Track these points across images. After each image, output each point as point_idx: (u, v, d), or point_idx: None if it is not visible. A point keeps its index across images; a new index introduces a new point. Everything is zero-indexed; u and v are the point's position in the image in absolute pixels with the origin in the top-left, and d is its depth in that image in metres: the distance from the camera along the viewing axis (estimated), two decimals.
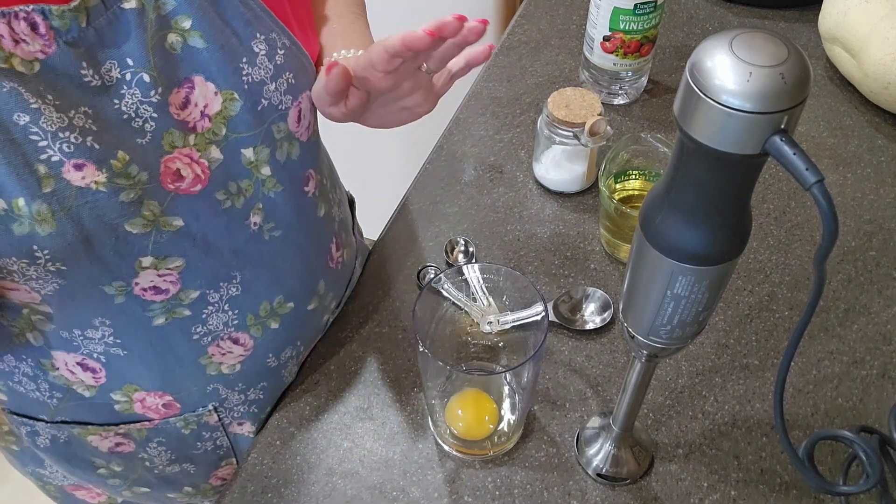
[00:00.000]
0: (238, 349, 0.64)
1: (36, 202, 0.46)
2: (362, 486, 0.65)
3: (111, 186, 0.49)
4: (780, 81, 0.35)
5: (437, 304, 0.67)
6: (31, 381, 0.62)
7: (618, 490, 0.65)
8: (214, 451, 0.71)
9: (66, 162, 0.47)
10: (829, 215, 0.36)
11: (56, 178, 0.47)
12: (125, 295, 0.55)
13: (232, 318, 0.62)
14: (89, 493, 0.78)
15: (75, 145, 0.47)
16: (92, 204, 0.48)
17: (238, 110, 0.54)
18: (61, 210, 0.47)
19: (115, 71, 0.49)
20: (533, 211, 0.85)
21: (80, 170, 0.48)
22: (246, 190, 0.57)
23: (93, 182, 0.48)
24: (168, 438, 0.68)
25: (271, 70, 0.55)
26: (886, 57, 0.86)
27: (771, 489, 0.64)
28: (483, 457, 0.67)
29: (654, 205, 0.44)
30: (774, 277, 0.78)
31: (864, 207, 0.84)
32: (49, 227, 0.47)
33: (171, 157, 0.52)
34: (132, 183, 0.50)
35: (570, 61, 1.01)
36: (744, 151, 0.37)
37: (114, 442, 0.67)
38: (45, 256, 0.48)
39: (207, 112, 0.53)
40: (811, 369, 0.71)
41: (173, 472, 0.72)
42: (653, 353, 0.53)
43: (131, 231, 0.51)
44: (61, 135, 0.47)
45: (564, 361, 0.72)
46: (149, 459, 0.69)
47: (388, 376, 0.72)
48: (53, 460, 0.71)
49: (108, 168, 0.49)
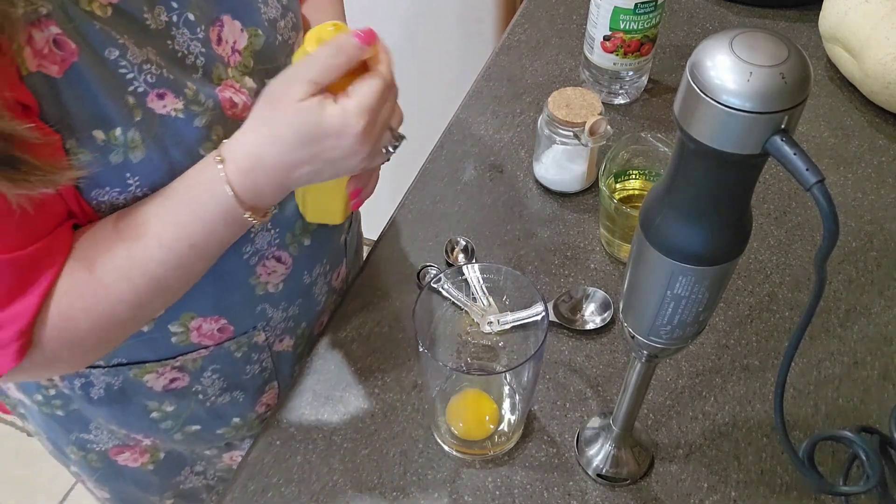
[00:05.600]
0: (280, 267, 0.70)
1: (130, 131, 0.52)
2: (362, 486, 0.65)
3: (187, 112, 0.55)
4: (780, 81, 0.35)
5: (437, 304, 0.67)
6: None
7: (618, 490, 0.65)
8: (261, 373, 0.76)
9: (150, 92, 0.53)
10: (829, 216, 0.36)
11: (143, 107, 0.52)
12: None
13: (273, 238, 0.68)
14: (132, 454, 0.80)
15: (156, 76, 0.53)
16: (173, 129, 0.54)
17: (262, 45, 0.61)
18: (149, 137, 0.53)
19: (164, 15, 0.54)
20: (533, 211, 0.85)
21: (162, 98, 0.53)
22: None
23: (172, 109, 0.54)
24: (222, 364, 0.72)
25: (280, 9, 0.63)
26: (887, 57, 0.86)
27: (771, 490, 0.64)
28: (483, 457, 0.67)
29: (654, 205, 0.44)
30: (775, 278, 0.78)
31: (865, 208, 0.84)
32: (140, 153, 0.53)
33: (221, 88, 0.58)
34: (203, 109, 0.56)
35: (571, 61, 1.01)
36: (744, 151, 0.37)
37: (169, 378, 0.70)
38: (135, 182, 0.54)
39: (237, 47, 0.60)
40: (812, 370, 0.71)
41: (223, 402, 0.75)
42: (653, 354, 0.53)
43: (203, 154, 0.56)
44: (144, 67, 0.52)
45: (564, 361, 0.72)
46: (202, 391, 0.73)
47: (388, 376, 0.72)
48: (105, 413, 0.73)
49: (184, 96, 0.54)
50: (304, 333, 0.79)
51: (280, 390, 0.79)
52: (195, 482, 0.87)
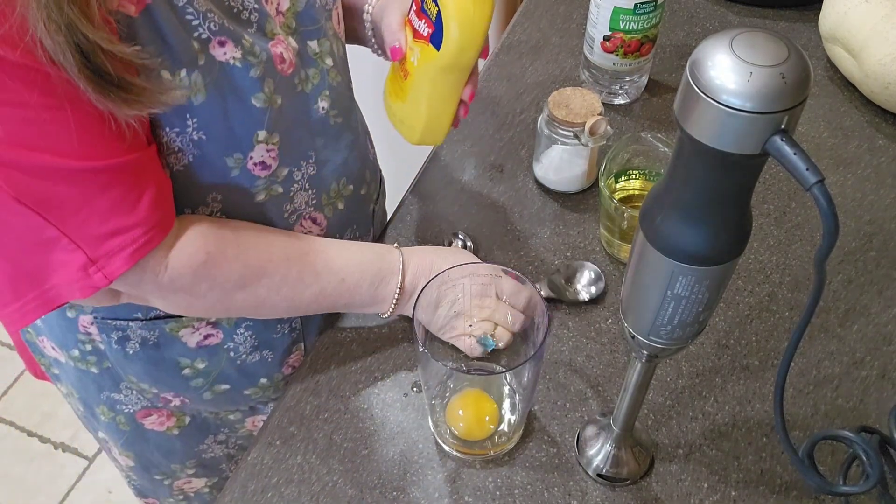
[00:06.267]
0: (316, 228, 0.73)
1: (194, 73, 0.55)
2: (362, 486, 0.65)
3: (244, 62, 0.57)
4: (780, 81, 0.35)
5: (437, 304, 0.67)
6: None
7: (618, 490, 0.65)
8: (290, 333, 0.77)
9: (212, 39, 0.55)
10: (829, 216, 0.36)
11: (205, 53, 0.55)
12: (240, 168, 0.62)
13: (311, 198, 0.70)
14: (159, 417, 0.81)
15: (218, 25, 0.55)
16: (230, 77, 0.57)
17: (303, 6, 0.64)
18: (210, 82, 0.56)
19: None
20: (533, 211, 0.85)
21: (223, 46, 0.56)
22: (314, 77, 0.66)
23: (231, 57, 0.56)
24: (255, 322, 0.73)
25: None
26: (886, 57, 0.86)
27: (771, 489, 0.64)
28: (483, 457, 0.67)
29: (654, 205, 0.44)
30: (775, 278, 0.78)
31: (865, 208, 0.84)
32: (202, 96, 0.56)
33: (273, 43, 0.60)
34: (258, 61, 0.58)
35: (571, 61, 1.01)
36: (744, 151, 0.37)
37: (203, 334, 0.72)
38: (193, 125, 0.57)
39: (281, 9, 0.62)
40: (811, 370, 0.71)
41: (253, 361, 0.76)
42: (653, 354, 0.53)
43: (255, 104, 0.59)
44: (208, 15, 0.55)
45: (564, 361, 0.72)
46: (234, 349, 0.74)
47: (388, 376, 0.72)
48: (138, 369, 0.74)
49: (241, 46, 0.57)
50: None
51: (306, 352, 0.79)
52: (216, 451, 0.88)
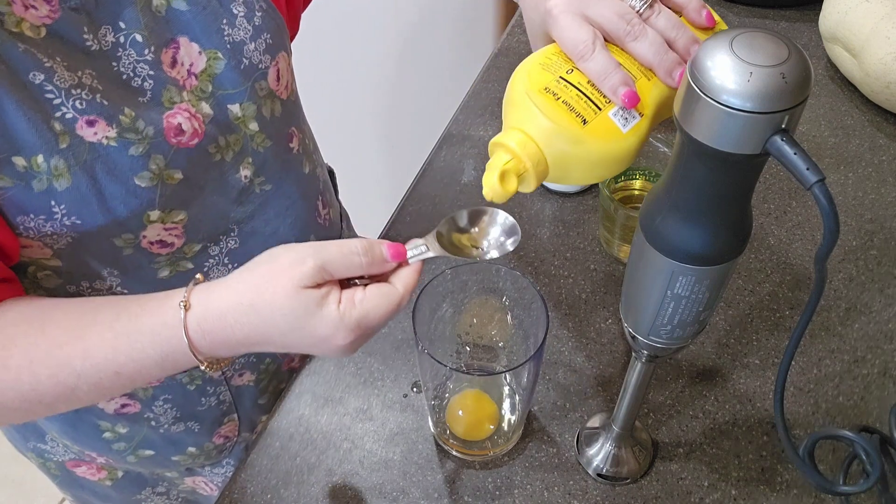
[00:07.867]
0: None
1: (53, 158, 0.49)
2: (362, 487, 0.65)
3: (121, 141, 0.52)
4: (780, 81, 0.35)
5: (437, 305, 0.67)
6: None
7: (618, 490, 0.65)
8: (218, 406, 0.73)
9: (79, 118, 0.50)
10: (830, 215, 0.36)
11: (70, 134, 0.50)
12: (133, 247, 0.57)
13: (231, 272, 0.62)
14: (90, 469, 0.78)
15: (87, 102, 0.50)
16: (104, 158, 0.52)
17: (223, 68, 0.58)
18: (76, 165, 0.50)
19: (110, 35, 0.52)
20: (533, 211, 0.85)
21: (92, 126, 0.51)
22: (234, 144, 0.61)
23: (104, 137, 0.51)
24: (174, 395, 0.69)
25: (250, 31, 0.60)
26: (887, 56, 0.86)
27: (771, 488, 0.64)
28: (483, 457, 0.67)
29: (654, 205, 0.44)
30: (775, 277, 0.78)
31: (866, 207, 0.84)
32: (66, 181, 0.50)
33: (171, 113, 0.55)
34: (140, 137, 0.53)
35: None
36: (744, 151, 0.37)
37: (120, 403, 0.68)
38: (61, 211, 0.52)
39: (193, 70, 0.57)
40: (812, 368, 0.71)
41: (178, 431, 0.73)
42: (653, 354, 0.53)
43: (140, 184, 0.54)
44: (73, 92, 0.50)
45: (564, 361, 0.72)
46: (154, 418, 0.71)
47: (388, 376, 0.72)
48: (59, 428, 0.71)
49: (118, 123, 0.52)
50: (268, 368, 0.76)
51: (241, 422, 0.75)
52: (158, 502, 0.84)
